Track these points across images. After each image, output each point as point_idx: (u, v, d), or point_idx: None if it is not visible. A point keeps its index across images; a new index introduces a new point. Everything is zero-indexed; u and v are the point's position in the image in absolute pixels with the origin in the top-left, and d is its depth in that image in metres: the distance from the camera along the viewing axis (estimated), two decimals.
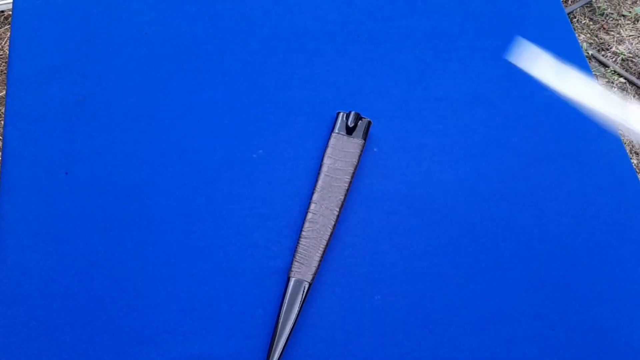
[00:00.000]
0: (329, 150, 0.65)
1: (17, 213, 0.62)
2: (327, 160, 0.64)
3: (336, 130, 0.66)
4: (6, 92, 0.69)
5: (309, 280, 0.58)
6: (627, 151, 1.17)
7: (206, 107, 0.70)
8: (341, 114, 0.67)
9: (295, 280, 0.58)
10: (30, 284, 0.58)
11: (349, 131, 0.65)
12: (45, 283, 0.58)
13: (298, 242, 0.60)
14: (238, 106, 0.71)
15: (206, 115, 0.70)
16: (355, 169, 0.64)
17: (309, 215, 0.61)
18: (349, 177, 0.63)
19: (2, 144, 0.66)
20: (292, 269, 0.59)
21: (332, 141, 0.65)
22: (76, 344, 0.56)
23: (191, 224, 0.63)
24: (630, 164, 0.70)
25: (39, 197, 0.63)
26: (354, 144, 0.65)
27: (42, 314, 0.57)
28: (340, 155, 0.64)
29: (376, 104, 0.72)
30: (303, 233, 0.60)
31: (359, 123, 0.67)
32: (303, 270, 0.58)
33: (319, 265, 0.59)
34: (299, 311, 0.57)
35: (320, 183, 0.63)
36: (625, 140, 1.61)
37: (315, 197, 0.62)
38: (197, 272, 0.60)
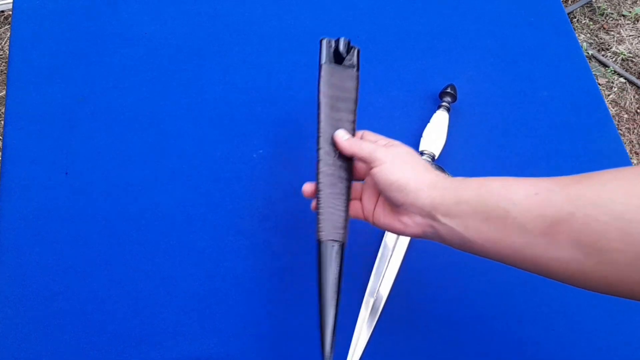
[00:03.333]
0: (323, 88, 0.52)
1: (17, 213, 0.62)
2: (324, 99, 0.51)
3: (323, 60, 0.53)
4: (6, 92, 0.69)
5: (340, 239, 0.49)
6: (627, 151, 1.17)
7: (206, 107, 0.70)
8: (325, 40, 0.54)
9: (323, 243, 0.49)
10: (30, 284, 0.58)
11: (339, 60, 0.54)
12: (45, 283, 0.58)
13: (317, 201, 0.50)
14: (238, 106, 0.71)
15: (206, 115, 0.70)
16: (356, 105, 0.53)
17: (321, 165, 0.50)
18: (353, 116, 0.53)
19: (2, 144, 0.66)
20: (318, 231, 0.49)
21: (324, 74, 0.52)
22: (76, 344, 0.56)
23: (191, 223, 0.63)
24: (631, 164, 0.70)
25: (39, 197, 0.63)
26: (350, 76, 0.54)
27: (42, 314, 0.57)
28: (338, 91, 0.53)
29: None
30: (319, 187, 0.50)
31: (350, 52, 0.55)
32: (327, 228, 0.49)
33: (345, 221, 0.50)
34: (339, 278, 0.48)
35: (323, 126, 0.51)
36: (625, 140, 1.61)
37: (321, 142, 0.51)
38: (197, 272, 0.60)
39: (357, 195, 0.53)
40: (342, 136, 0.50)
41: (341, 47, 0.54)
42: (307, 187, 0.51)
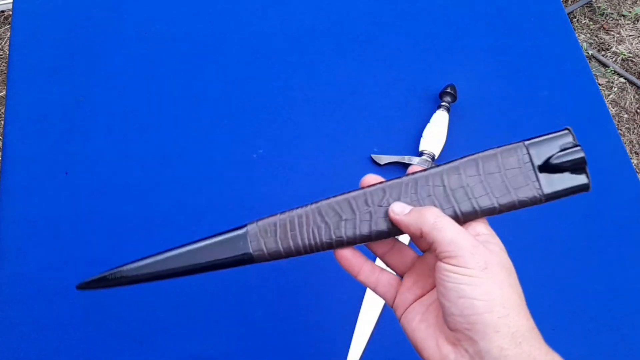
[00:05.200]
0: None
1: (17, 213, 0.61)
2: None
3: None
4: (6, 92, 0.69)
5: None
6: (627, 151, 1.17)
7: (206, 107, 0.70)
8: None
9: None
10: (30, 284, 0.58)
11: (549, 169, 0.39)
12: (45, 283, 0.58)
13: None
14: (238, 106, 0.71)
15: (206, 115, 0.70)
16: None
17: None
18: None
19: (2, 144, 0.66)
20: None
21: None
22: (76, 343, 0.56)
23: (191, 223, 0.63)
24: (630, 164, 0.70)
25: (39, 197, 0.63)
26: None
27: (42, 314, 0.57)
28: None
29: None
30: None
31: None
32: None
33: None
34: None
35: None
36: (625, 140, 1.61)
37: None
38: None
39: (399, 265, 0.39)
40: (403, 209, 0.35)
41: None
42: None
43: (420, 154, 0.67)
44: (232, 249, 0.38)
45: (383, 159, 0.68)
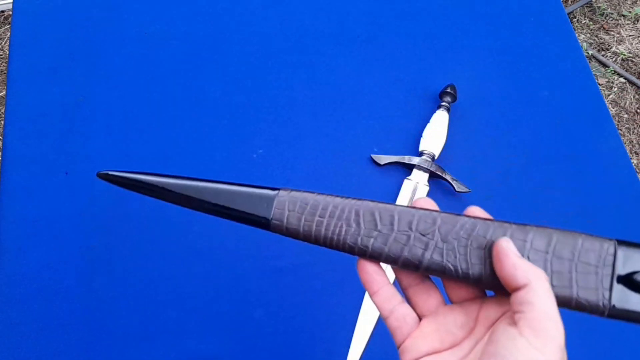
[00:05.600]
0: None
1: (17, 213, 0.61)
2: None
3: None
4: (6, 92, 0.69)
5: None
6: (627, 151, 1.17)
7: (206, 107, 0.70)
8: None
9: None
10: (30, 284, 0.58)
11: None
12: (45, 283, 0.58)
13: None
14: (238, 106, 0.71)
15: (206, 115, 0.70)
16: None
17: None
18: None
19: (2, 144, 0.66)
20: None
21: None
22: (76, 343, 0.56)
23: (191, 223, 0.63)
24: (630, 164, 0.70)
25: (39, 197, 0.63)
26: None
27: (42, 314, 0.57)
28: None
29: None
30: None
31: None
32: None
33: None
34: None
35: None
36: (625, 140, 1.61)
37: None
38: (197, 272, 0.60)
39: (421, 304, 0.35)
40: (513, 248, 0.31)
41: None
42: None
43: (420, 154, 0.67)
44: (254, 206, 0.36)
45: (383, 159, 0.68)
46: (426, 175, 0.67)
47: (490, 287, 0.33)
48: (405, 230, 0.33)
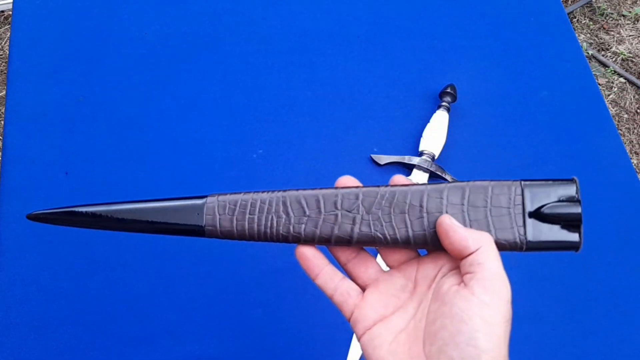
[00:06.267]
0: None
1: (17, 213, 0.61)
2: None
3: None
4: (6, 92, 0.69)
5: None
6: (627, 151, 1.17)
7: (206, 107, 0.70)
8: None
9: None
10: (30, 285, 0.58)
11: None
12: (45, 283, 0.58)
13: None
14: (238, 106, 0.71)
15: (206, 115, 0.70)
16: None
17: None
18: None
19: (2, 144, 0.66)
20: None
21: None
22: (76, 344, 0.56)
23: None
24: (630, 164, 0.70)
25: (39, 197, 0.63)
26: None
27: (42, 315, 0.57)
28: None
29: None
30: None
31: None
32: None
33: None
34: None
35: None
36: (625, 140, 1.61)
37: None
38: (197, 272, 0.60)
39: (362, 276, 0.37)
40: (455, 222, 0.33)
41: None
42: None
43: (420, 154, 0.67)
44: (186, 217, 0.37)
45: (383, 159, 0.68)
46: (426, 175, 0.67)
47: (420, 246, 0.35)
48: (332, 211, 0.35)
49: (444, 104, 0.70)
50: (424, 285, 0.34)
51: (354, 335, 0.58)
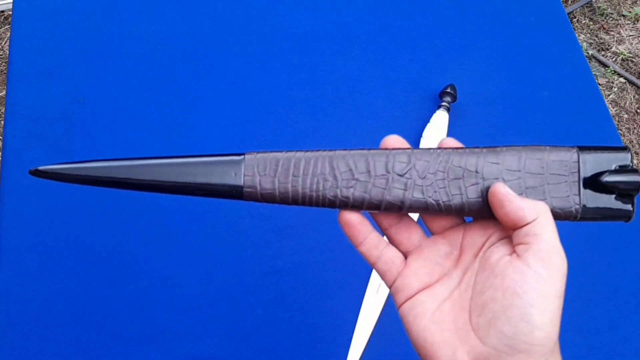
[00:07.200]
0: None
1: (17, 213, 0.61)
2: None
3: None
4: (6, 92, 0.69)
5: None
6: None
7: (206, 107, 0.70)
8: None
9: None
10: (30, 284, 0.58)
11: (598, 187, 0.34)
12: (45, 283, 0.58)
13: None
14: (238, 106, 0.71)
15: (206, 115, 0.70)
16: None
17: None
18: None
19: (2, 144, 0.66)
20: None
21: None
22: (76, 344, 0.56)
23: (191, 223, 0.63)
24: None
25: (39, 197, 0.63)
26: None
27: (42, 314, 0.57)
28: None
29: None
30: None
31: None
32: None
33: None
34: None
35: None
36: (625, 140, 1.61)
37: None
38: (197, 272, 0.60)
39: (405, 242, 0.35)
40: (510, 190, 0.31)
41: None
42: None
43: None
44: (222, 176, 0.34)
45: None
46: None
47: (473, 214, 0.33)
48: (383, 174, 0.32)
49: (444, 104, 0.70)
50: (470, 253, 0.33)
51: (354, 335, 0.58)
